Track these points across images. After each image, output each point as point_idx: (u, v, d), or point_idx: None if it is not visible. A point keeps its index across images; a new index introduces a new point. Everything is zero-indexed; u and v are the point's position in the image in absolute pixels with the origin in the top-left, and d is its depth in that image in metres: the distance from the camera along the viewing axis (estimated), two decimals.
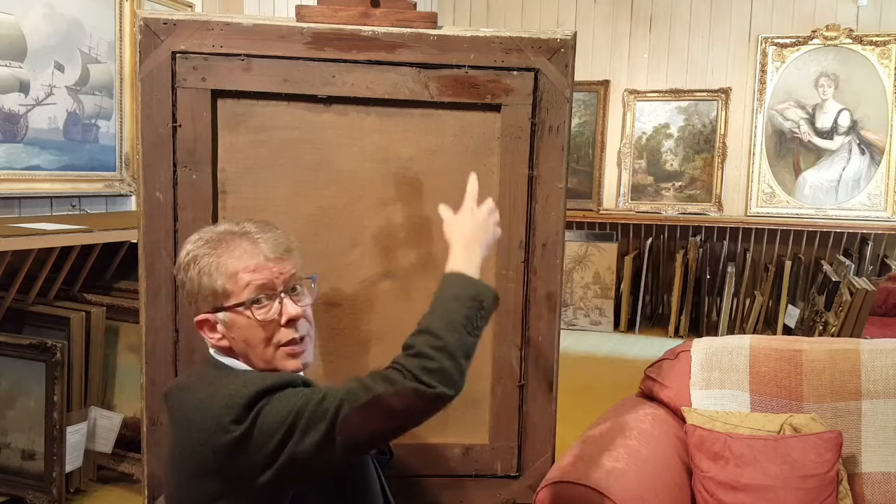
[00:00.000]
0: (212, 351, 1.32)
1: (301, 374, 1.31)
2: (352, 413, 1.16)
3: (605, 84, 5.96)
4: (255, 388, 1.18)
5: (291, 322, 1.26)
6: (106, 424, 2.70)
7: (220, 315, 1.26)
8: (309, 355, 1.31)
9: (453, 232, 1.37)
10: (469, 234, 1.35)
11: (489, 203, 1.40)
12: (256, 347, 1.26)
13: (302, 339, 1.29)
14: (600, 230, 5.90)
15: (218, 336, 1.28)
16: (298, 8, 1.64)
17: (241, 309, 1.24)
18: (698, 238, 5.66)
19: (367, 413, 1.16)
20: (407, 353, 1.22)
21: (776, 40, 5.54)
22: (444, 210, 1.41)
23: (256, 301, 1.24)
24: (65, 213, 3.15)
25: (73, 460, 2.59)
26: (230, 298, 1.24)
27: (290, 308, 1.26)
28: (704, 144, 5.79)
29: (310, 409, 1.17)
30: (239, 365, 1.29)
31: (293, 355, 1.28)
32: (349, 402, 1.16)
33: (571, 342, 5.29)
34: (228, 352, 1.30)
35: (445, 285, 1.30)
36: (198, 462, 1.20)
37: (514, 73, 1.64)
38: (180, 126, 1.60)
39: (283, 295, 1.26)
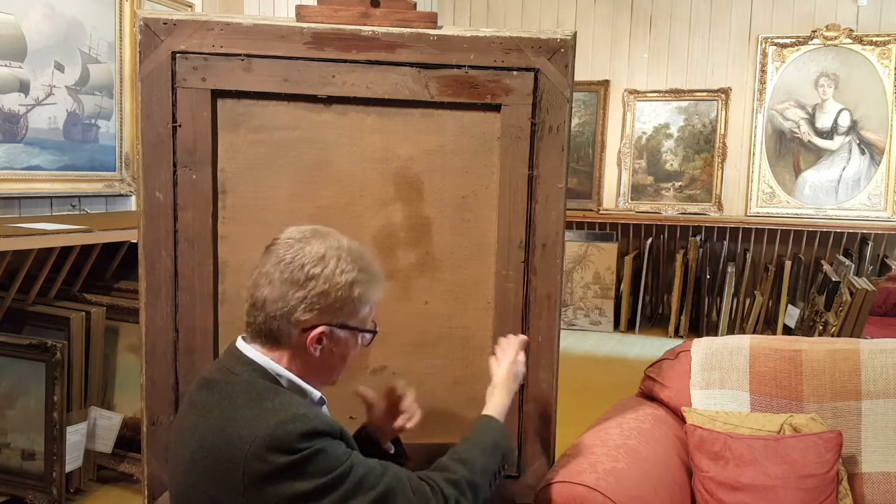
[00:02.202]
0: (241, 341, 1.33)
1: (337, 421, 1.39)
2: None
3: (605, 84, 5.96)
4: (305, 427, 1.19)
5: None
6: (106, 424, 2.70)
7: (340, 331, 1.30)
8: None
9: (499, 377, 1.55)
10: (510, 384, 1.54)
11: (522, 356, 1.59)
12: (338, 367, 1.35)
13: None
14: (600, 230, 5.90)
15: (319, 347, 1.30)
16: (298, 8, 1.64)
17: (362, 334, 1.33)
18: (698, 238, 5.66)
19: None
20: (446, 477, 1.33)
21: (776, 40, 5.55)
22: (493, 363, 1.58)
23: (375, 333, 1.36)
24: (65, 213, 3.15)
25: (73, 460, 2.59)
26: (362, 322, 1.32)
27: None
28: (704, 144, 5.79)
29: (352, 479, 1.20)
30: (267, 362, 1.30)
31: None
32: (384, 500, 1.23)
33: (571, 342, 5.29)
34: (297, 362, 1.31)
35: (488, 428, 1.46)
36: (222, 475, 1.19)
37: (514, 73, 1.64)
38: (180, 126, 1.60)
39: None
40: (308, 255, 1.27)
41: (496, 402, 1.51)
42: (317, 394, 1.35)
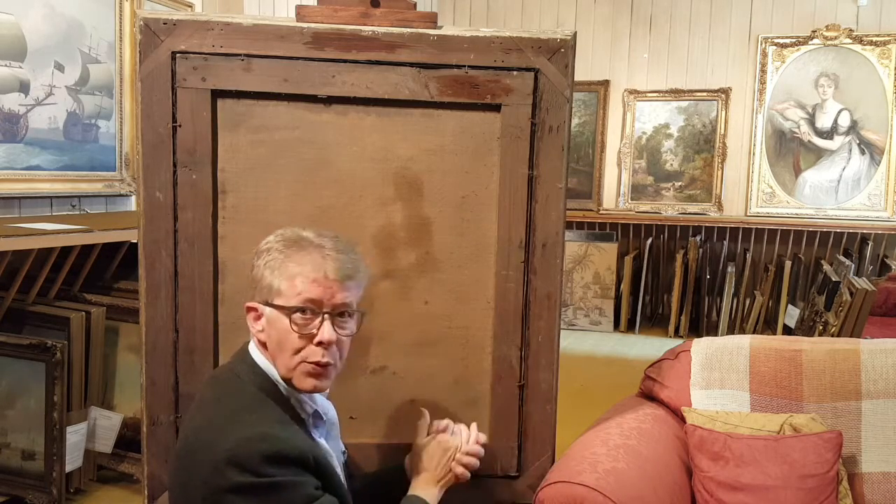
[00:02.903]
0: (252, 341, 1.37)
1: (332, 411, 1.39)
2: None
3: (605, 84, 5.96)
4: (267, 448, 1.18)
5: (322, 344, 1.29)
6: (106, 424, 2.70)
7: (267, 310, 1.30)
8: (327, 383, 1.34)
9: (421, 463, 1.49)
10: (435, 472, 1.48)
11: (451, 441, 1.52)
12: (285, 352, 1.30)
13: (327, 364, 1.31)
14: (600, 230, 5.90)
15: (259, 328, 1.33)
16: (298, 8, 1.64)
17: (284, 311, 1.28)
18: (698, 238, 5.66)
19: None
20: None
21: (776, 40, 5.55)
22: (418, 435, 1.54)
23: (301, 310, 1.28)
24: (65, 213, 3.15)
25: (73, 460, 2.59)
26: (280, 298, 1.29)
27: (327, 331, 1.29)
28: (704, 144, 5.79)
29: None
30: (268, 366, 1.33)
31: (313, 375, 1.30)
32: None
33: (571, 342, 5.29)
34: (263, 347, 1.34)
35: None
36: (190, 475, 1.22)
37: (514, 73, 1.64)
38: (180, 126, 1.60)
39: (326, 316, 1.29)
40: (260, 243, 1.34)
41: (422, 485, 1.46)
42: (311, 407, 1.35)
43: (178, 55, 1.58)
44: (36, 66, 2.97)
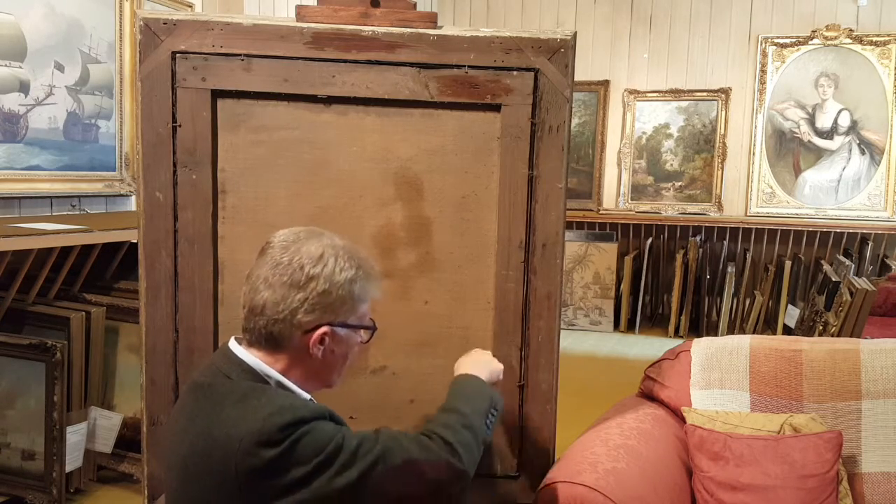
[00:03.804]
0: (233, 341, 1.32)
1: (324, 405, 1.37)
2: (386, 470, 1.21)
3: (605, 84, 5.96)
4: (291, 417, 1.19)
5: None
6: (106, 424, 2.70)
7: (341, 330, 1.29)
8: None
9: (461, 361, 1.56)
10: (475, 361, 1.54)
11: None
12: (339, 367, 1.33)
13: None
14: (600, 230, 5.90)
15: (321, 348, 1.29)
16: (298, 8, 1.64)
17: (363, 331, 1.33)
18: (698, 238, 5.66)
19: (400, 474, 1.23)
20: (440, 424, 1.32)
21: (776, 40, 5.54)
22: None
23: (374, 329, 1.35)
24: (65, 213, 3.15)
25: (73, 460, 2.59)
26: (361, 319, 1.32)
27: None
28: (704, 144, 5.79)
29: (345, 452, 1.20)
30: (257, 363, 1.29)
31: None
32: (384, 460, 1.22)
33: (571, 342, 5.29)
34: (294, 365, 1.30)
35: (465, 382, 1.47)
36: (215, 478, 1.19)
37: (514, 73, 1.64)
38: (180, 126, 1.60)
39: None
40: (306, 255, 1.26)
41: (464, 367, 1.52)
42: (306, 395, 1.35)
43: (178, 55, 1.58)
44: (36, 66, 2.97)
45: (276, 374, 1.29)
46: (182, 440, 1.25)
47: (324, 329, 1.27)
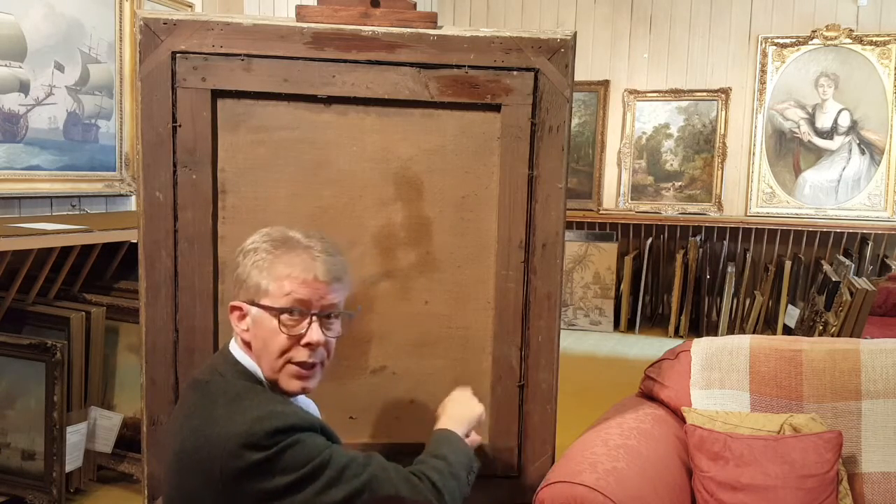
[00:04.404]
0: (233, 341, 1.34)
1: (314, 410, 1.37)
2: (372, 500, 1.22)
3: (605, 84, 5.96)
4: (282, 423, 1.19)
5: (310, 345, 1.29)
6: (106, 424, 2.70)
7: (254, 310, 1.29)
8: (314, 383, 1.33)
9: (447, 406, 1.54)
10: (459, 414, 1.52)
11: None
12: (271, 353, 1.29)
13: (313, 365, 1.31)
14: (600, 230, 5.90)
15: (243, 327, 1.31)
16: (298, 8, 1.64)
17: (272, 312, 1.27)
18: (698, 238, 5.66)
19: None
20: (430, 467, 1.33)
21: (776, 40, 5.55)
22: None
23: (289, 311, 1.27)
24: (65, 213, 3.15)
25: (73, 460, 2.59)
26: (267, 298, 1.28)
27: (315, 333, 1.29)
28: (704, 144, 5.79)
29: (332, 469, 1.20)
30: (251, 365, 1.31)
31: (299, 377, 1.30)
32: (371, 489, 1.23)
33: (571, 342, 5.29)
34: (246, 347, 1.32)
35: (450, 435, 1.46)
36: (203, 476, 1.20)
37: (514, 73, 1.64)
38: (180, 126, 1.60)
39: (314, 317, 1.29)
40: (245, 242, 1.33)
41: (447, 418, 1.51)
42: (304, 401, 1.36)
43: (178, 55, 1.58)
44: (36, 66, 2.97)
45: (240, 356, 1.32)
46: (177, 436, 1.27)
47: (236, 304, 1.31)
